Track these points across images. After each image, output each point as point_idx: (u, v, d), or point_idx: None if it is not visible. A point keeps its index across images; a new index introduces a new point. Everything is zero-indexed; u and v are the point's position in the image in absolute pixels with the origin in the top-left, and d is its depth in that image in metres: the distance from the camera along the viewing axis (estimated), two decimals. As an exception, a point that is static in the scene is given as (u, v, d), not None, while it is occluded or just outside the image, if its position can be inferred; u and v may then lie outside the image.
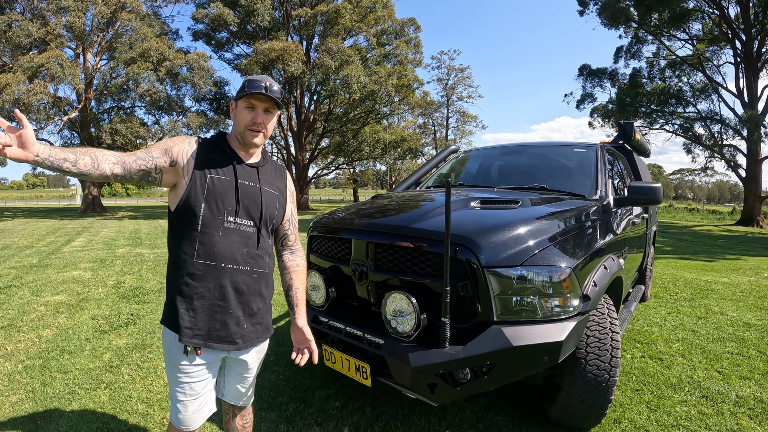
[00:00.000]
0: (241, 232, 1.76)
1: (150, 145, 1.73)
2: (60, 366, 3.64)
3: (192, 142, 1.75)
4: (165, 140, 1.73)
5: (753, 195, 22.91)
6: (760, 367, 3.74)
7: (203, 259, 1.69)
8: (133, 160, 1.61)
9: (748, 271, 8.48)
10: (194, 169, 1.69)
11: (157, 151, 1.67)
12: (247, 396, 2.03)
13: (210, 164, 1.72)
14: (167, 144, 1.71)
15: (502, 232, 2.31)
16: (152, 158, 1.65)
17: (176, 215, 1.72)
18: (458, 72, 52.20)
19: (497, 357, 2.08)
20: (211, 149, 1.76)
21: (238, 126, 1.76)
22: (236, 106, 1.78)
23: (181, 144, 1.72)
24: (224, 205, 1.71)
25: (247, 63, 24.45)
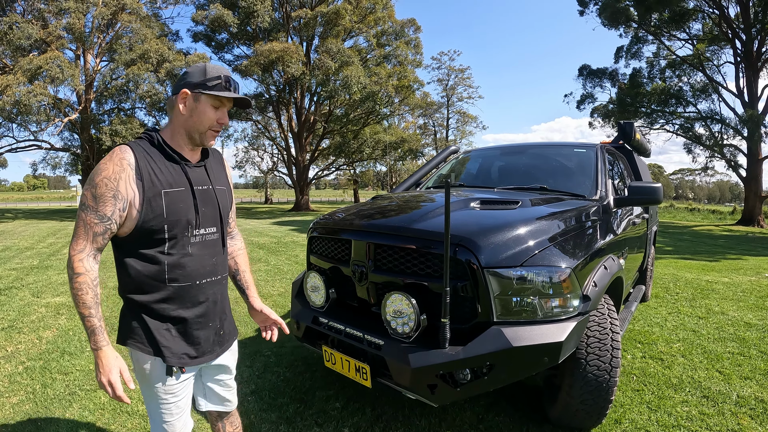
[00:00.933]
0: (207, 243, 1.68)
1: (92, 198, 1.46)
2: (60, 367, 3.65)
3: (127, 163, 1.48)
4: (101, 182, 1.45)
5: (753, 195, 22.87)
6: (761, 367, 3.73)
7: (177, 282, 1.59)
8: (101, 241, 1.49)
9: (749, 270, 8.47)
10: (145, 193, 1.50)
11: (108, 206, 1.46)
12: (233, 398, 1.99)
13: (160, 179, 1.53)
14: (108, 187, 1.45)
15: (502, 233, 2.31)
16: (108, 221, 1.47)
17: (131, 239, 1.54)
18: (458, 72, 52.31)
19: (497, 357, 2.08)
20: (154, 159, 1.55)
21: (198, 125, 1.59)
22: (196, 100, 1.57)
23: (120, 174, 1.47)
24: (185, 220, 1.58)
25: (248, 64, 24.46)
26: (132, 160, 1.49)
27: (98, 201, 1.45)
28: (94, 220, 1.45)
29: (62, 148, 26.12)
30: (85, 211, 1.45)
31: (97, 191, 1.45)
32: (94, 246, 1.48)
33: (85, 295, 1.45)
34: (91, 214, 1.45)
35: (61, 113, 22.97)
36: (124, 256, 1.57)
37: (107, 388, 1.50)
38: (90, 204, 1.45)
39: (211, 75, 1.57)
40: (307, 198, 32.85)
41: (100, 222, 1.46)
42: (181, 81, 1.58)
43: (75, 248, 1.47)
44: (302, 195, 31.88)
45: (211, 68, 1.59)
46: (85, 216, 1.45)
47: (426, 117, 51.86)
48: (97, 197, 1.45)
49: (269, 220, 21.40)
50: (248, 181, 51.37)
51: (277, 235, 14.03)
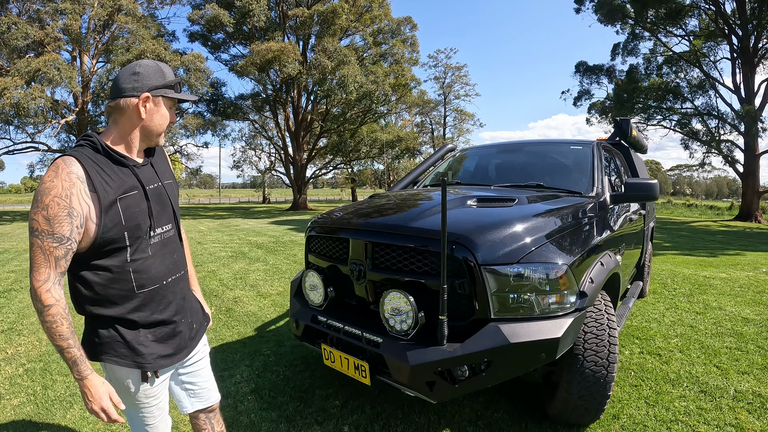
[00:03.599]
0: (165, 241, 1.65)
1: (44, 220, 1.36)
2: (60, 369, 3.66)
3: (76, 177, 1.39)
4: (53, 202, 1.35)
5: (751, 190, 22.94)
6: (758, 362, 3.76)
7: (145, 287, 1.57)
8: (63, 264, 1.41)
9: (746, 266, 8.50)
10: (101, 203, 1.43)
11: (65, 226, 1.36)
12: (213, 389, 1.95)
13: (112, 186, 1.46)
14: (61, 206, 1.36)
15: (499, 230, 2.32)
16: (67, 241, 1.38)
17: (90, 253, 1.47)
18: (455, 70, 52.25)
19: (495, 354, 2.10)
20: (101, 166, 1.46)
21: (158, 127, 1.58)
22: (155, 104, 1.54)
23: (70, 190, 1.38)
24: (143, 224, 1.54)
25: (244, 64, 24.43)
26: (80, 172, 1.41)
27: (53, 223, 1.35)
28: (53, 244, 1.36)
29: (59, 150, 26.07)
30: (41, 237, 1.35)
31: (49, 212, 1.35)
32: (57, 272, 1.39)
33: (60, 327, 1.40)
34: (47, 239, 1.36)
35: (58, 115, 22.93)
36: (81, 270, 1.49)
37: (101, 415, 1.48)
38: (44, 228, 1.35)
39: (170, 77, 1.56)
40: (305, 197, 32.84)
41: (60, 245, 1.37)
42: (134, 83, 1.50)
43: (38, 279, 1.37)
44: (300, 194, 31.86)
45: (167, 69, 1.57)
46: (41, 242, 1.36)
47: (423, 115, 51.85)
48: (51, 219, 1.35)
49: (267, 220, 21.39)
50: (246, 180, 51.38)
51: (275, 234, 14.03)
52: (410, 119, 48.08)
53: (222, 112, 27.81)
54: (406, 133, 34.92)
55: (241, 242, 12.01)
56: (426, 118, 53.06)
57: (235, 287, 6.58)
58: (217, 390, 1.97)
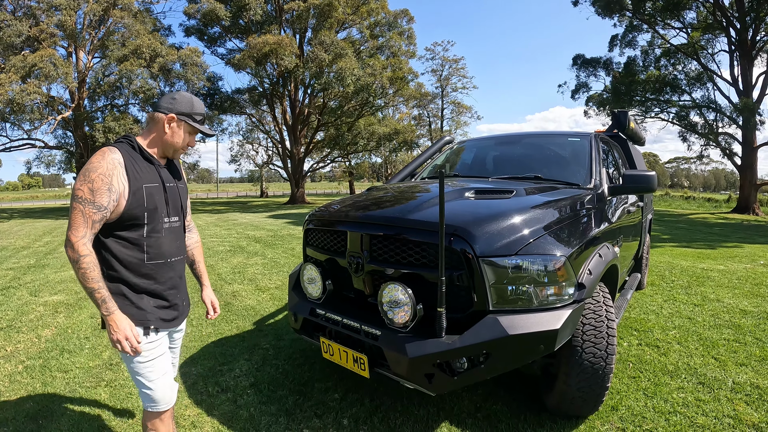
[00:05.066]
0: (173, 229, 2.00)
1: (89, 191, 1.71)
2: (60, 365, 3.65)
3: (118, 163, 1.78)
4: (98, 178, 1.72)
5: (749, 183, 22.95)
6: (756, 354, 3.76)
7: (154, 259, 1.91)
8: (98, 227, 1.76)
9: (744, 258, 8.52)
10: (131, 186, 1.80)
11: (104, 198, 1.73)
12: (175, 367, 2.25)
13: (141, 176, 1.84)
14: (104, 182, 1.73)
15: (497, 222, 2.31)
16: (104, 210, 1.74)
17: (116, 225, 1.82)
18: (452, 63, 52.22)
19: (493, 346, 2.10)
20: (135, 159, 1.85)
21: (174, 144, 1.93)
22: (178, 126, 1.91)
23: (113, 171, 1.75)
24: (159, 210, 1.91)
25: (241, 58, 24.31)
26: (121, 159, 1.79)
27: (95, 194, 1.70)
28: (92, 210, 1.71)
29: (56, 146, 25.98)
30: (83, 203, 1.70)
31: (93, 185, 1.70)
32: (92, 231, 1.74)
33: (92, 272, 1.72)
34: (89, 206, 1.70)
35: (54, 111, 22.79)
36: (106, 238, 1.83)
37: (123, 344, 1.78)
38: (87, 197, 1.70)
39: (197, 110, 1.95)
40: (303, 191, 32.80)
41: (98, 211, 1.72)
42: (169, 105, 1.89)
43: (76, 235, 1.70)
44: (298, 188, 31.82)
45: (197, 103, 1.96)
46: (83, 207, 1.70)
47: (420, 108, 51.76)
48: (94, 191, 1.70)
49: (265, 214, 21.38)
50: (243, 175, 51.19)
51: (273, 228, 14.03)
52: (407, 112, 47.97)
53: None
54: (403, 125, 34.84)
55: (239, 236, 12.00)
56: (423, 110, 53.03)
57: (233, 281, 6.58)
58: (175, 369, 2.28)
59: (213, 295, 2.36)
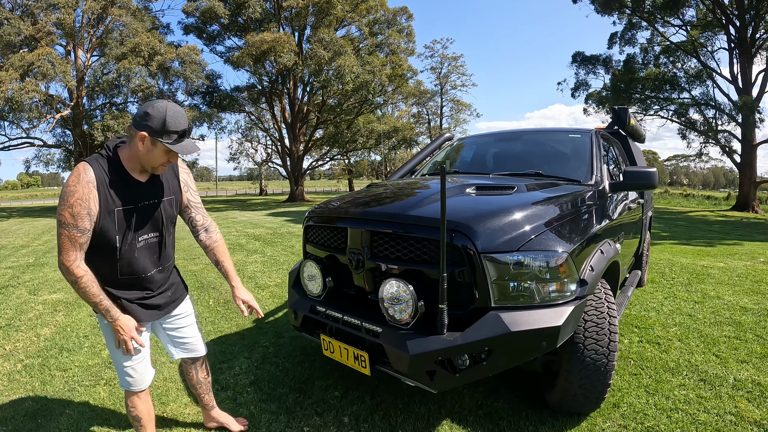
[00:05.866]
0: (149, 245, 2.04)
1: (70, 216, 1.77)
2: (59, 364, 3.63)
3: (93, 186, 1.79)
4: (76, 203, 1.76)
5: (748, 180, 22.91)
6: (757, 351, 3.75)
7: (126, 275, 1.99)
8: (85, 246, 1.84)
9: (744, 255, 8.50)
10: (102, 208, 1.83)
11: (86, 222, 1.80)
12: (198, 344, 2.42)
13: (114, 198, 1.86)
14: (83, 206, 1.77)
15: (499, 218, 2.30)
16: (88, 231, 1.82)
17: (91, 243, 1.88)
18: (451, 60, 52.15)
19: (495, 343, 2.08)
20: (110, 177, 1.85)
21: (152, 162, 1.88)
22: (153, 144, 1.83)
23: (89, 195, 1.78)
24: (133, 230, 1.94)
25: (239, 55, 24.24)
26: (95, 182, 1.80)
27: (76, 218, 1.78)
28: (77, 233, 1.79)
29: (55, 144, 25.91)
30: (67, 228, 1.78)
31: (73, 210, 1.76)
32: (81, 252, 1.83)
33: (91, 289, 1.85)
34: (73, 230, 1.78)
35: (52, 110, 22.72)
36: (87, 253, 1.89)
37: (129, 344, 1.97)
38: (70, 222, 1.77)
39: (170, 128, 1.81)
40: (302, 189, 32.75)
41: (83, 234, 1.81)
42: (142, 120, 1.80)
43: (68, 259, 1.81)
44: (297, 186, 31.77)
45: (171, 119, 1.81)
46: (68, 232, 1.78)
47: (420, 105, 51.75)
48: (75, 215, 1.77)
49: (264, 212, 21.35)
50: (242, 173, 51.14)
51: (272, 226, 14.00)
52: (407, 110, 48.01)
53: (218, 104, 27.61)
54: (402, 123, 34.80)
55: (239, 234, 11.98)
56: (423, 108, 53.01)
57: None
58: (202, 346, 2.45)
59: (246, 294, 2.34)
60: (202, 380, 2.54)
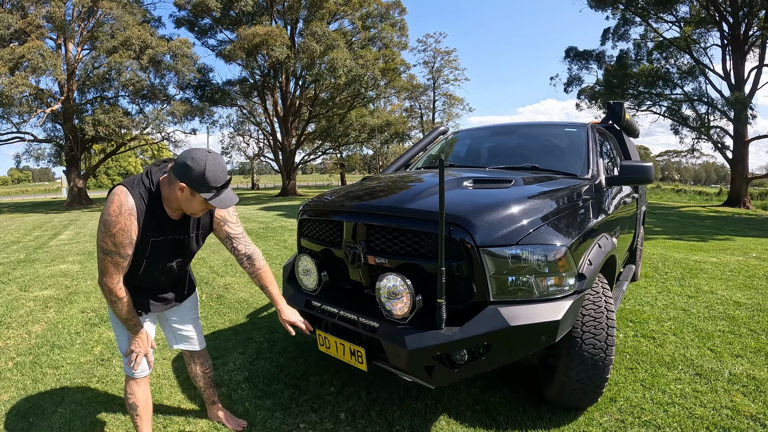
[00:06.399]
0: (167, 269, 2.15)
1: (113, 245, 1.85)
2: (51, 361, 3.57)
3: (134, 217, 1.86)
4: (119, 233, 1.83)
5: (740, 176, 23.04)
6: (751, 345, 3.75)
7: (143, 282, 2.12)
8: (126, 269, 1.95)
9: (736, 251, 8.54)
10: (140, 238, 1.92)
11: (128, 249, 1.89)
12: (197, 339, 2.50)
13: (150, 231, 1.94)
14: (125, 236, 1.85)
15: (497, 211, 2.27)
16: (129, 256, 1.92)
17: None
18: (444, 55, 52.02)
19: (494, 338, 2.06)
20: (148, 209, 1.91)
21: (188, 208, 1.94)
22: (192, 194, 1.87)
23: (130, 226, 1.85)
24: (159, 257, 2.05)
25: (231, 49, 24.07)
26: (135, 212, 1.86)
27: (119, 247, 1.85)
28: (119, 259, 1.88)
29: (45, 139, 25.55)
30: (111, 255, 1.86)
31: (116, 240, 1.84)
32: (122, 274, 1.94)
33: (128, 307, 2.00)
34: (116, 257, 1.87)
35: (43, 104, 22.43)
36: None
37: (140, 358, 2.12)
38: (113, 249, 1.85)
39: (209, 182, 1.83)
40: (294, 183, 32.65)
41: (125, 260, 1.91)
42: (184, 171, 1.82)
43: (112, 282, 1.91)
44: (289, 180, 31.66)
45: (211, 173, 1.82)
46: (111, 258, 1.87)
47: (412, 100, 51.63)
48: (118, 244, 1.85)
49: (256, 206, 21.25)
50: (234, 167, 51.03)
51: (265, 220, 13.93)
52: (399, 104, 47.85)
53: (209, 98, 27.38)
54: (395, 117, 34.69)
55: (232, 230, 11.87)
56: (415, 102, 52.91)
57: (225, 274, 6.51)
58: (200, 340, 2.53)
59: (292, 315, 2.39)
60: (201, 374, 2.57)
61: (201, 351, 2.55)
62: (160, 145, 28.97)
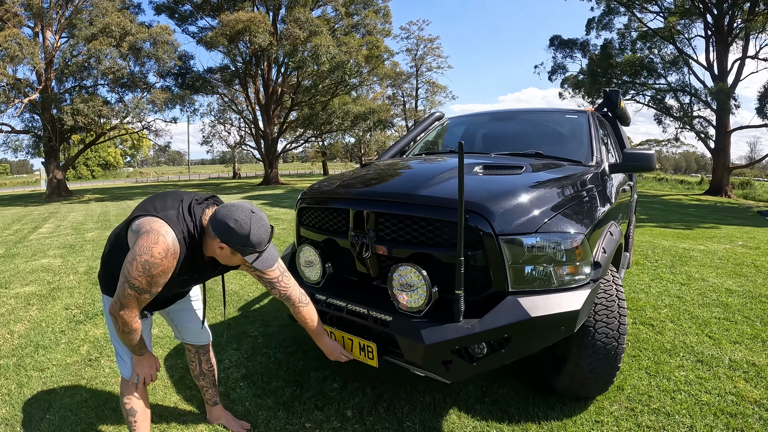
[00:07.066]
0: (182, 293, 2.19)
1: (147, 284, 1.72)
2: (35, 363, 3.37)
3: (176, 260, 1.75)
4: (159, 274, 1.71)
5: (722, 166, 23.35)
6: (747, 332, 3.77)
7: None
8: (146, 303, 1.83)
9: (722, 239, 8.62)
10: (171, 278, 1.80)
11: (160, 288, 1.77)
12: (203, 333, 2.39)
13: (184, 272, 1.85)
14: (163, 277, 1.74)
15: (515, 199, 2.17)
16: (156, 294, 1.80)
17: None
18: (427, 42, 51.74)
19: (515, 329, 1.97)
20: (188, 257, 1.81)
21: (227, 262, 1.88)
22: (232, 253, 1.79)
23: (171, 268, 1.75)
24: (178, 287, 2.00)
25: (213, 35, 23.54)
26: (179, 257, 1.75)
27: (152, 286, 1.73)
28: (147, 297, 1.76)
29: (23, 130, 24.70)
30: (140, 292, 1.72)
31: (153, 280, 1.70)
32: (141, 307, 1.83)
33: (138, 336, 1.89)
34: (145, 294, 1.74)
35: (20, 94, 21.68)
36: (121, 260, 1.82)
37: (147, 379, 2.05)
38: (145, 288, 1.71)
39: (252, 244, 1.75)
40: (277, 171, 32.29)
41: (151, 296, 1.78)
42: (226, 233, 1.73)
43: (130, 315, 1.78)
44: (271, 169, 31.29)
45: (255, 237, 1.75)
46: (139, 295, 1.73)
47: (395, 87, 51.32)
48: (152, 284, 1.72)
49: (239, 195, 20.98)
50: (215, 156, 50.22)
51: (252, 213, 13.68)
52: (382, 91, 47.51)
53: (190, 85, 26.76)
54: (378, 105, 34.42)
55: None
56: (398, 90, 52.60)
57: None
58: (205, 335, 2.42)
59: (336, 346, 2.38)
60: (206, 372, 2.46)
61: (206, 346, 2.45)
62: (140, 134, 28.33)
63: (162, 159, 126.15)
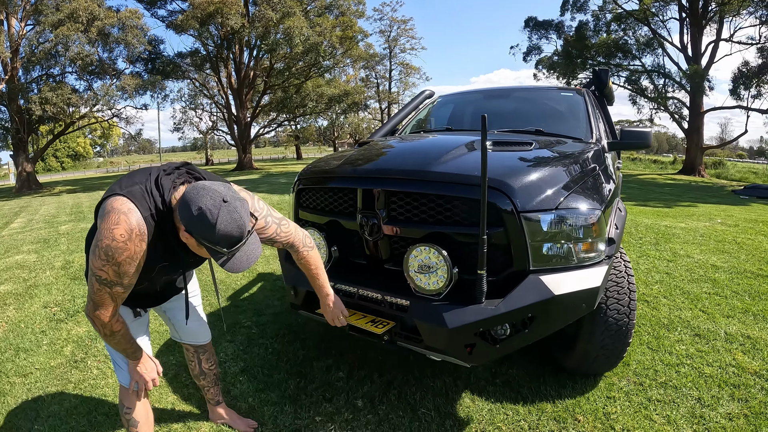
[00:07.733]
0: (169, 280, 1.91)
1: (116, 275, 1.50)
2: (17, 368, 3.13)
3: (145, 243, 1.51)
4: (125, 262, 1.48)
5: (695, 146, 23.84)
6: (738, 306, 3.83)
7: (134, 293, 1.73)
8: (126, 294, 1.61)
9: (701, 217, 8.76)
10: (146, 265, 1.58)
11: (133, 278, 1.55)
12: (202, 331, 2.24)
13: (160, 256, 1.62)
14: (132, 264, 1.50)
15: (533, 174, 2.10)
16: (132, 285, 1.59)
17: None
18: (401, 24, 51.27)
19: (539, 308, 1.92)
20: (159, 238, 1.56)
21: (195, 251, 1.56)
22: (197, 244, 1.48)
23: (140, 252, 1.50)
24: (163, 278, 1.81)
25: (183, 18, 22.78)
26: (146, 238, 1.50)
27: (123, 276, 1.50)
28: (120, 290, 1.54)
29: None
30: (110, 286, 1.51)
31: (120, 269, 1.48)
32: (120, 304, 1.61)
33: (126, 337, 1.70)
34: (117, 287, 1.53)
35: (-14, 85, 20.69)
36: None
37: (150, 384, 1.85)
38: (114, 279, 1.50)
39: (218, 240, 1.42)
40: (250, 156, 31.72)
41: (125, 290, 1.56)
42: (189, 221, 1.42)
43: (107, 315, 1.56)
44: (245, 154, 30.74)
45: (222, 232, 1.41)
46: (110, 289, 1.51)
47: (368, 69, 50.85)
48: (122, 274, 1.50)
49: (218, 186, 20.43)
50: (186, 143, 49.15)
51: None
52: (355, 74, 47.02)
53: (161, 71, 25.92)
54: (352, 87, 34.03)
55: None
56: (371, 72, 52.14)
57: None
58: (204, 334, 2.25)
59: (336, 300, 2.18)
60: (206, 371, 2.30)
61: (207, 345, 2.29)
62: (110, 123, 27.42)
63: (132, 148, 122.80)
